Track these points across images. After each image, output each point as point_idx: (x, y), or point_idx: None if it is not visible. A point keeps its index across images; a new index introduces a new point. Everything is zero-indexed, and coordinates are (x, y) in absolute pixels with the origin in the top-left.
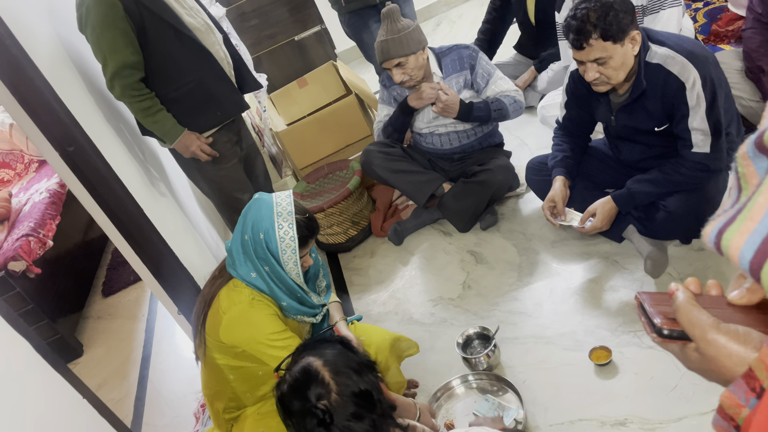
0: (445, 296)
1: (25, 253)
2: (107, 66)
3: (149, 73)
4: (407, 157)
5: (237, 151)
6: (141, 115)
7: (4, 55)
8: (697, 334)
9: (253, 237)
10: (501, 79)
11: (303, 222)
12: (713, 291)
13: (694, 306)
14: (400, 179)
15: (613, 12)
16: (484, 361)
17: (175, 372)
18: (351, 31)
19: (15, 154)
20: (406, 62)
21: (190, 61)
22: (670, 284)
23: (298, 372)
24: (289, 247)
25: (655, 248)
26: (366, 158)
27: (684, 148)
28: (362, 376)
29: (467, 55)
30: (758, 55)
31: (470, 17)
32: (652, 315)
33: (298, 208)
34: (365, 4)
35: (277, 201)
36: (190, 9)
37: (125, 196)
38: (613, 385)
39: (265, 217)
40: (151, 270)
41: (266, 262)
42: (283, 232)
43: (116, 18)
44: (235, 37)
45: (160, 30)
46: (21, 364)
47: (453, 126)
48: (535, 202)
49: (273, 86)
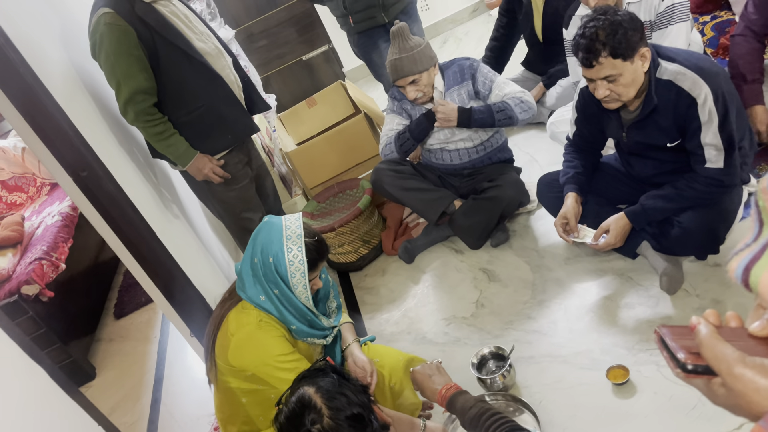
0: (459, 315)
1: (38, 276)
2: (121, 92)
3: (162, 98)
4: (418, 174)
5: (248, 171)
6: (154, 139)
7: (17, 82)
8: (723, 368)
9: (262, 260)
10: (504, 84)
11: (312, 245)
12: (732, 323)
13: (718, 340)
14: (411, 197)
15: (622, 30)
16: (499, 382)
17: (188, 394)
18: (360, 51)
19: (27, 177)
20: (420, 79)
21: (202, 85)
22: (691, 318)
23: (294, 402)
24: (299, 271)
25: (670, 264)
26: (376, 177)
27: (697, 164)
28: (354, 400)
29: (467, 66)
30: (744, 63)
31: (476, 34)
32: (675, 350)
33: (308, 231)
34: (374, 24)
35: (287, 224)
36: (201, 34)
37: (138, 219)
38: (632, 405)
39: (275, 240)
40: (163, 293)
41: (276, 286)
42: (293, 256)
43: (130, 45)
44: (243, 58)
45: (173, 56)
46: (37, 392)
47: (463, 143)
48: (547, 219)
49: (282, 106)
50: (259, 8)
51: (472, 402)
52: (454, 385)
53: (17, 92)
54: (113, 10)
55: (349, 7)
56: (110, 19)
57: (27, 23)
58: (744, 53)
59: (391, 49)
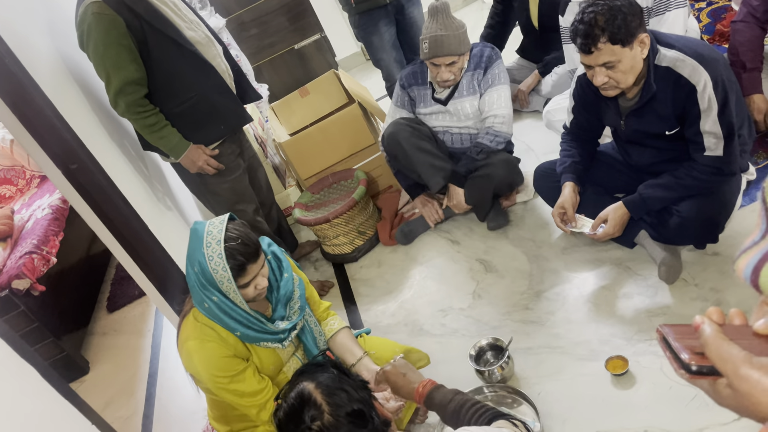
0: (455, 306)
1: (28, 270)
2: (111, 83)
3: (152, 89)
4: (433, 139)
5: (240, 162)
6: (146, 131)
7: (4, 73)
8: (729, 369)
9: (192, 269)
10: (497, 99)
11: (235, 249)
12: (736, 320)
13: (723, 340)
14: (422, 158)
15: (621, 15)
16: (497, 373)
17: (182, 388)
18: (360, 33)
19: (16, 169)
20: (458, 61)
21: (193, 75)
22: (695, 317)
23: (293, 398)
24: (224, 278)
25: (668, 254)
26: (394, 129)
27: (696, 152)
28: (354, 396)
29: (487, 55)
30: (744, 50)
31: (470, 22)
32: (679, 350)
33: (231, 235)
34: (375, 5)
35: (209, 230)
36: (191, 22)
37: (130, 213)
38: (631, 396)
39: (196, 248)
40: (156, 286)
41: (212, 293)
42: (214, 264)
43: (119, 34)
44: (235, 47)
45: (163, 45)
46: (28, 390)
47: (467, 129)
48: (544, 209)
49: (274, 96)
50: None
51: (450, 395)
52: (429, 381)
53: (4, 84)
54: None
55: None
56: (98, 8)
57: (13, 14)
58: (745, 40)
59: (433, 25)
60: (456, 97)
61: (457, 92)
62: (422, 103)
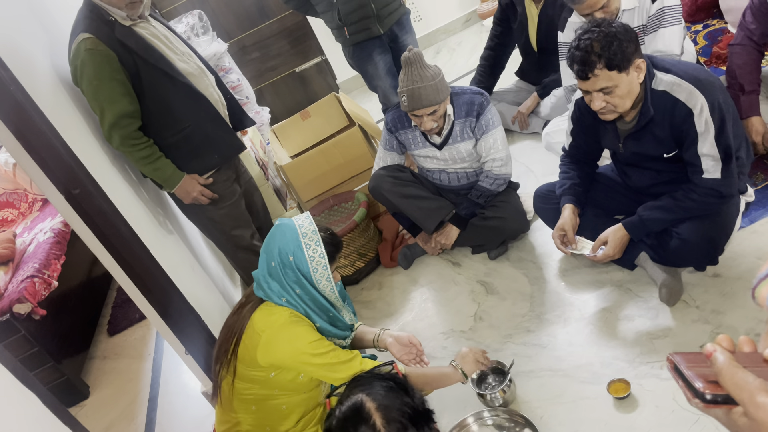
0: (457, 329)
1: (30, 294)
2: (105, 117)
3: (146, 121)
4: (417, 181)
5: (236, 188)
6: (141, 163)
7: (7, 98)
8: (746, 398)
9: (281, 261)
10: (493, 143)
11: (328, 238)
12: (745, 347)
13: (738, 367)
14: (409, 204)
15: (617, 41)
16: (499, 397)
17: (182, 413)
18: (355, 63)
19: (19, 193)
20: (439, 109)
21: (186, 106)
22: (706, 345)
23: (349, 409)
24: (320, 265)
25: (669, 275)
26: (375, 183)
27: (695, 174)
28: (410, 421)
29: (478, 103)
30: (742, 73)
31: (469, 44)
32: (692, 379)
33: (320, 226)
34: (369, 36)
35: (299, 223)
36: (183, 54)
37: (132, 237)
38: (634, 420)
39: (291, 240)
40: (158, 310)
41: (297, 285)
42: (312, 251)
43: (112, 69)
44: (236, 71)
45: (155, 78)
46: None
47: (463, 169)
48: (544, 231)
49: (275, 118)
50: (251, 20)
51: None
52: None
53: (7, 109)
54: (93, 35)
55: (344, 19)
56: (90, 44)
57: (15, 38)
58: (742, 63)
59: (408, 77)
60: (450, 143)
61: (451, 138)
62: (414, 145)
